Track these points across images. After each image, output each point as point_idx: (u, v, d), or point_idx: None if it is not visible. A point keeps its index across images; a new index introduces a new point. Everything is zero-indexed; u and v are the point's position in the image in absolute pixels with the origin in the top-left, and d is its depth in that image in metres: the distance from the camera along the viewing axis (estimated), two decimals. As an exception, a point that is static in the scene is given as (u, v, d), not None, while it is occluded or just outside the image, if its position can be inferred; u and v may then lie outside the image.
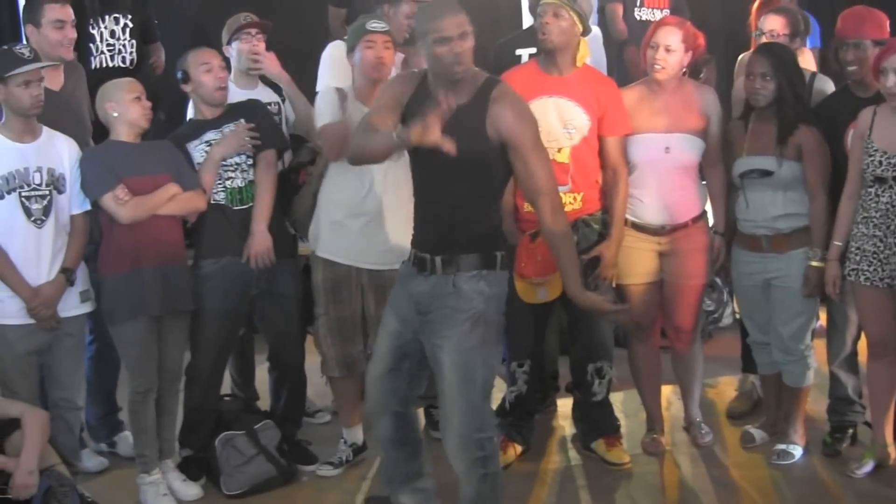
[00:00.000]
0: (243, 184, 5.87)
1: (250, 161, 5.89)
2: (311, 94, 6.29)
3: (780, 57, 5.77)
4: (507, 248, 4.91)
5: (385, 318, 5.02)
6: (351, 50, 5.76)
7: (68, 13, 5.97)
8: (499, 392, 6.32)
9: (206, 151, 5.81)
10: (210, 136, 5.86)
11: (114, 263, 5.56)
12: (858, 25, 5.74)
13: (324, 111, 5.82)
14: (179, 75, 5.86)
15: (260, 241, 5.85)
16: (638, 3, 7.51)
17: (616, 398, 6.42)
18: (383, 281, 5.77)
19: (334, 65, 6.17)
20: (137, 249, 5.53)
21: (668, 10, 7.66)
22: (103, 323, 5.76)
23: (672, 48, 5.76)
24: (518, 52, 6.51)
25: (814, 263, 5.72)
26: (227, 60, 6.15)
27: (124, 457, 6.30)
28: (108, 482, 6.05)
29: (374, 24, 5.70)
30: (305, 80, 6.63)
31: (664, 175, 5.87)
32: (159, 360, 5.69)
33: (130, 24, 6.96)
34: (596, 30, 6.68)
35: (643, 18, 7.29)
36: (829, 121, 5.77)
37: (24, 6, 5.96)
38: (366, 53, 5.69)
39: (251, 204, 5.88)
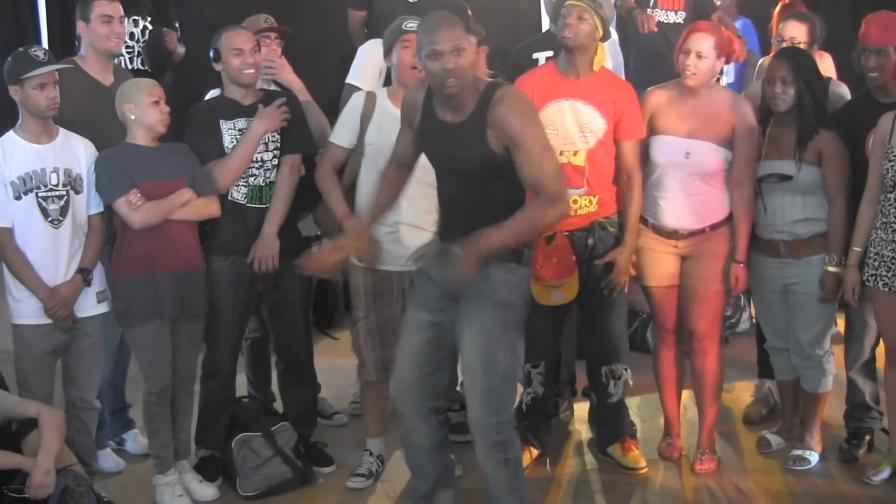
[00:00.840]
0: (264, 183, 5.87)
1: (276, 161, 5.89)
2: (327, 98, 6.33)
3: (800, 61, 5.75)
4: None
5: (409, 318, 5.06)
6: (388, 51, 5.76)
7: (116, 8, 6.02)
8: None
9: (237, 139, 5.80)
10: (242, 124, 5.84)
11: (127, 267, 5.56)
12: (883, 31, 5.70)
13: (341, 121, 5.90)
14: (211, 53, 5.86)
15: (267, 246, 5.85)
16: (651, 5, 7.50)
17: (632, 403, 6.42)
18: None
19: (366, 65, 6.38)
20: (151, 254, 5.53)
21: (683, 12, 7.65)
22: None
23: (703, 54, 5.68)
24: (535, 55, 6.52)
25: (831, 269, 5.70)
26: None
27: (133, 454, 6.34)
28: (124, 482, 6.05)
29: (410, 24, 5.64)
30: (323, 82, 6.67)
31: (684, 180, 5.80)
32: (174, 362, 5.69)
33: (150, 27, 6.98)
34: (613, 34, 6.67)
35: (657, 20, 7.28)
36: (851, 126, 5.75)
37: (79, 3, 6.01)
38: (403, 55, 5.67)
39: (268, 205, 5.88)
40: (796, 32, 6.35)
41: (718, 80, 5.90)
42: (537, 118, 4.80)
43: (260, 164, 5.86)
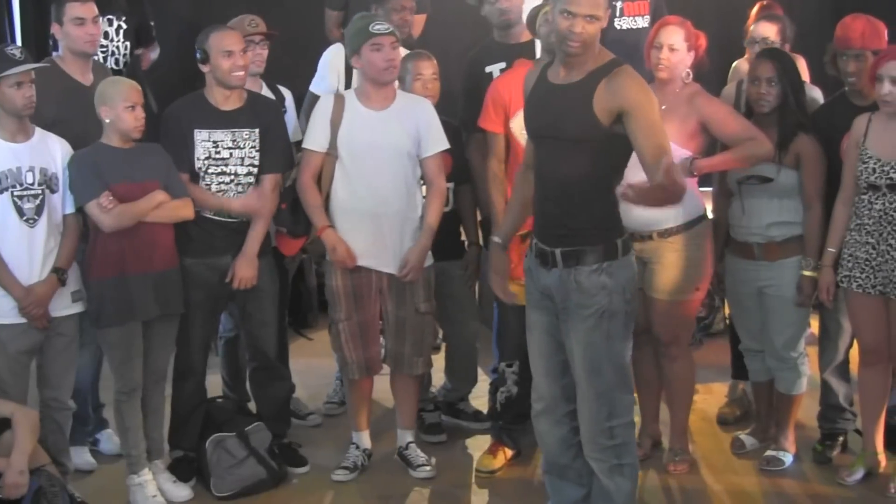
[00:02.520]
0: (235, 198, 5.85)
1: (249, 178, 5.86)
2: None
3: (784, 63, 5.77)
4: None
5: (528, 321, 5.02)
6: (355, 52, 5.74)
7: (90, 10, 5.98)
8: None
9: (210, 151, 5.77)
10: (219, 136, 5.81)
11: (99, 268, 5.53)
12: (861, 36, 5.71)
13: (312, 125, 5.89)
14: (198, 54, 5.81)
15: (247, 267, 5.85)
16: (617, 14, 7.52)
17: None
18: (403, 284, 5.83)
19: (332, 70, 6.47)
20: (123, 255, 5.50)
21: (649, 17, 7.66)
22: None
23: (675, 46, 5.70)
24: (488, 69, 6.41)
25: (807, 273, 5.72)
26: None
27: (107, 454, 6.31)
28: (98, 482, 6.02)
29: (378, 27, 5.68)
30: (304, 82, 6.67)
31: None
32: (145, 361, 5.67)
33: (125, 26, 6.95)
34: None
35: (624, 28, 7.29)
36: (827, 129, 5.75)
37: (53, 6, 6.00)
38: (373, 57, 5.67)
39: (238, 218, 5.86)
40: (768, 32, 6.38)
41: (689, 75, 5.89)
42: (654, 98, 4.68)
43: (232, 177, 5.83)
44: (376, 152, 5.74)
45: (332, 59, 6.78)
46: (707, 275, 5.88)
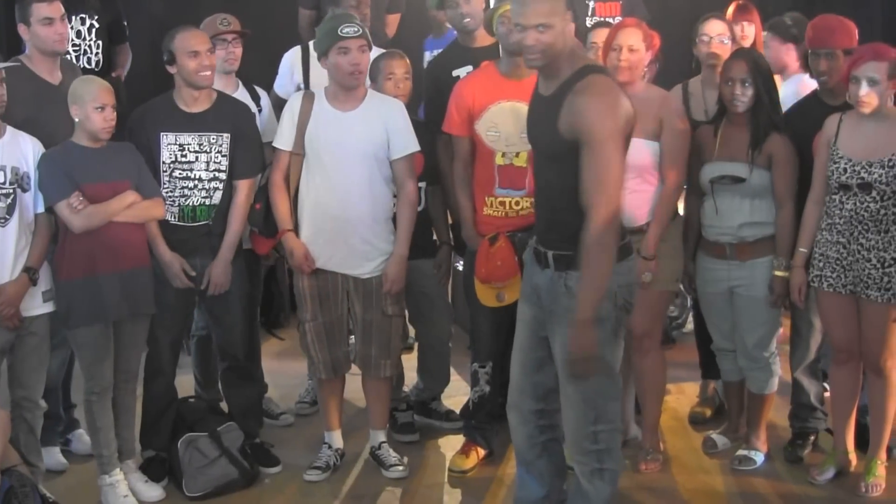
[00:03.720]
0: (199, 203, 5.84)
1: (214, 184, 5.85)
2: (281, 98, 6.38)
3: (757, 62, 5.79)
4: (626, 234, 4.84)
5: (519, 308, 4.99)
6: (323, 54, 5.72)
7: (56, 9, 5.94)
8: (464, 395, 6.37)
9: (176, 154, 5.76)
10: (185, 139, 5.80)
11: (69, 268, 5.50)
12: (831, 35, 5.75)
13: (281, 123, 5.88)
14: (165, 56, 5.78)
15: (221, 273, 5.87)
16: (589, 13, 7.54)
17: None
18: (370, 287, 5.82)
19: (291, 71, 6.60)
20: (93, 255, 5.48)
21: (620, 17, 7.69)
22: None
23: (634, 47, 5.73)
24: (455, 72, 6.39)
25: (779, 273, 5.74)
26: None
27: (78, 454, 6.28)
28: (69, 482, 6.01)
29: (346, 29, 5.64)
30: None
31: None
32: (116, 361, 5.65)
33: (97, 25, 6.94)
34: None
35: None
36: (799, 128, 5.77)
37: (17, 7, 5.97)
38: (340, 60, 5.65)
39: (204, 222, 5.86)
40: (721, 29, 6.40)
41: (644, 75, 5.93)
42: (612, 115, 4.48)
43: (196, 182, 5.82)
44: (340, 153, 5.72)
45: (292, 59, 6.81)
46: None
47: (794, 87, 6.39)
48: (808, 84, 6.16)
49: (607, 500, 4.86)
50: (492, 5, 6.37)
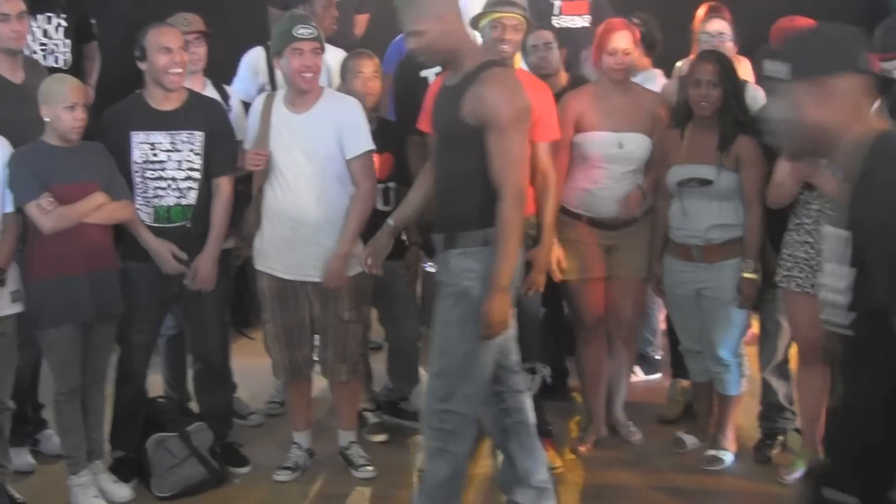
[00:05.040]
0: (174, 203, 5.82)
1: (188, 183, 5.82)
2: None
3: (724, 65, 5.82)
4: None
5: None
6: (278, 54, 5.71)
7: (13, 6, 5.91)
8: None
9: (148, 154, 5.74)
10: (157, 137, 5.76)
11: (38, 269, 5.48)
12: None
13: (251, 130, 5.88)
14: (137, 52, 5.76)
15: (209, 268, 5.85)
16: (556, 12, 7.55)
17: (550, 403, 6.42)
18: (327, 291, 5.80)
19: (250, 72, 6.73)
20: (62, 255, 5.45)
21: (589, 16, 7.71)
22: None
23: (628, 50, 5.93)
24: (423, 73, 6.38)
25: (747, 275, 5.76)
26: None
27: (47, 455, 6.25)
28: (38, 483, 5.98)
29: (301, 31, 5.62)
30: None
31: (618, 169, 5.99)
32: (85, 362, 5.62)
33: (64, 24, 6.90)
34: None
35: (562, 26, 7.32)
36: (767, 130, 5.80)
37: None
38: (293, 61, 5.63)
39: (180, 223, 5.83)
40: (722, 27, 6.45)
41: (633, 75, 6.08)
42: (511, 111, 4.68)
43: (168, 182, 5.80)
44: (293, 155, 5.71)
45: (251, 60, 6.83)
46: None
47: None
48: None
49: (443, 483, 4.89)
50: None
